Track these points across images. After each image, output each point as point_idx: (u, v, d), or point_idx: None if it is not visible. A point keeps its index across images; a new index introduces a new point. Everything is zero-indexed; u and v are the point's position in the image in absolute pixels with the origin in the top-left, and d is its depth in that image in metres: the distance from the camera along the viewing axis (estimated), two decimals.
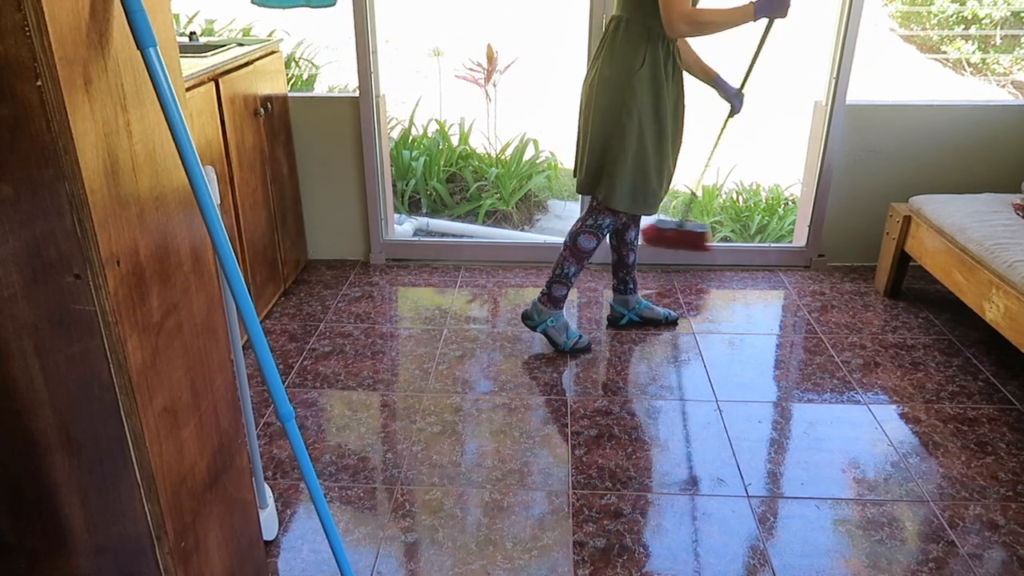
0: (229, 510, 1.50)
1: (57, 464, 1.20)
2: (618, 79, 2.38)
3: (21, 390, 1.14)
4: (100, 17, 1.05)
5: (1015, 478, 2.12)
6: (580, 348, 2.75)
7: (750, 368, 2.68)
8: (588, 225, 2.59)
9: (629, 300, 2.92)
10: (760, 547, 1.89)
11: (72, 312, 1.08)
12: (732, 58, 2.71)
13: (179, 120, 1.14)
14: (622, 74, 2.37)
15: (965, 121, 3.23)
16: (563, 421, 2.38)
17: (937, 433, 2.32)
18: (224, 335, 1.47)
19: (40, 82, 0.96)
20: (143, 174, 1.17)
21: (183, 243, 1.29)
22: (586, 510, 2.01)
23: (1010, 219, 2.70)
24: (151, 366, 1.19)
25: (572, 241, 2.63)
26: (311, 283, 3.32)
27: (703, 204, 4.35)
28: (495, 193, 4.49)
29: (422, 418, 2.39)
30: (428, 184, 4.46)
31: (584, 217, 2.62)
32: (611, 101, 2.40)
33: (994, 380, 2.59)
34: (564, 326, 2.74)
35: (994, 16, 6.22)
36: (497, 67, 5.00)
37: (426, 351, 2.77)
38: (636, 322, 2.93)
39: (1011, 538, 1.92)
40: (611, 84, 2.39)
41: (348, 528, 1.95)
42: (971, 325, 2.92)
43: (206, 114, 2.41)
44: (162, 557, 1.27)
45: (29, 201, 1.02)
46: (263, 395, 2.50)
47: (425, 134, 4.76)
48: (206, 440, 1.39)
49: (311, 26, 5.22)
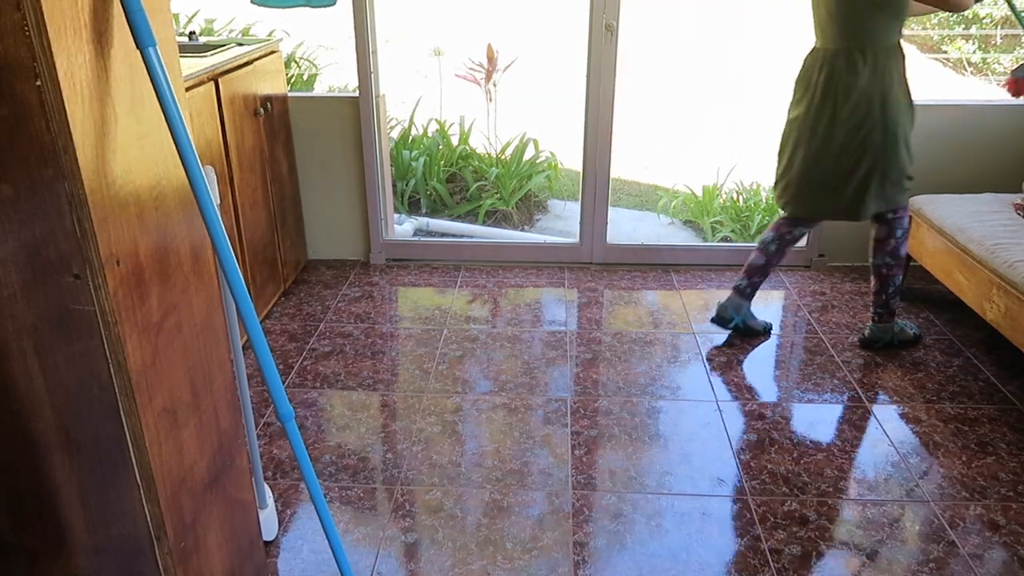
0: (229, 510, 1.50)
1: (57, 464, 1.20)
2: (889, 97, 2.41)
3: (21, 390, 1.14)
4: (100, 17, 1.05)
5: (1016, 478, 2.12)
6: (909, 339, 2.79)
7: (750, 368, 2.68)
8: (899, 236, 2.60)
9: (743, 306, 2.85)
10: (760, 547, 1.89)
11: (72, 312, 1.08)
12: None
13: (179, 120, 1.14)
14: (888, 92, 2.41)
15: (965, 121, 3.23)
16: (563, 421, 2.38)
17: (938, 433, 2.32)
18: (224, 335, 1.47)
19: (39, 82, 0.96)
20: (143, 174, 1.17)
21: (183, 243, 1.29)
22: (586, 510, 2.01)
23: (1010, 219, 2.70)
24: (151, 366, 1.19)
25: (895, 259, 2.64)
26: (311, 283, 3.32)
27: (703, 204, 4.36)
28: (495, 193, 4.49)
29: (422, 418, 2.39)
30: (428, 184, 4.46)
31: (893, 232, 2.61)
32: (889, 119, 2.42)
33: (995, 380, 2.58)
34: (903, 325, 2.80)
35: (994, 16, 6.21)
36: (497, 67, 5.00)
37: (426, 351, 2.77)
38: (740, 330, 2.88)
39: (1012, 538, 1.92)
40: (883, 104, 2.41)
41: (348, 528, 1.95)
42: (972, 325, 2.92)
43: (206, 114, 2.41)
44: (162, 557, 1.27)
45: (28, 201, 1.02)
46: (263, 395, 2.50)
47: (425, 134, 4.76)
48: (206, 440, 1.39)
49: (311, 26, 5.22)
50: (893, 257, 2.64)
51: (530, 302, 3.16)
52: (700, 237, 4.32)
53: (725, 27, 7.13)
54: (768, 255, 2.78)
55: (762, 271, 2.81)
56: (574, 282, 3.33)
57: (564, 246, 3.53)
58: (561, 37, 5.49)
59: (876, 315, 2.76)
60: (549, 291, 3.25)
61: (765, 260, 2.79)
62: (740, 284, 2.83)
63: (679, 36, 7.21)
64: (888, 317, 2.75)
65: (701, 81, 6.81)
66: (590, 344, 2.82)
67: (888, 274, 2.67)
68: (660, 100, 6.38)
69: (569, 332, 2.91)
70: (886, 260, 2.65)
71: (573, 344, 2.82)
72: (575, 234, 3.50)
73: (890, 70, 2.40)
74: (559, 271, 3.43)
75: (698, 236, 4.35)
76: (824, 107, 2.47)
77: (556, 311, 3.08)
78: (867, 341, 2.79)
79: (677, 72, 6.80)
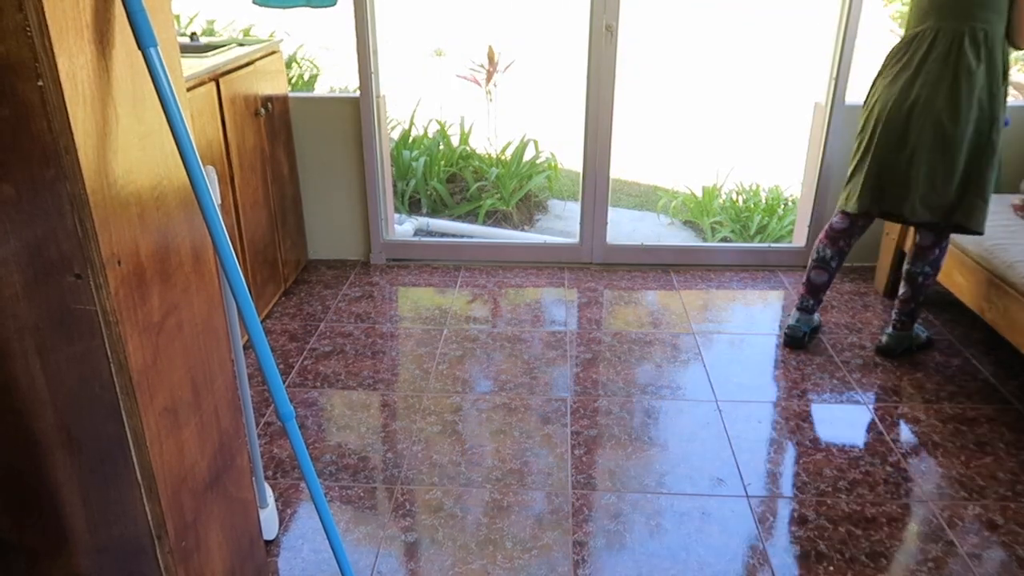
0: (229, 510, 1.51)
1: (58, 464, 1.20)
2: (996, 91, 2.30)
3: (22, 390, 1.14)
4: (101, 17, 1.05)
5: (1014, 478, 2.13)
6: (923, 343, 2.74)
7: (750, 368, 2.68)
8: (945, 246, 2.56)
9: (813, 318, 2.81)
10: (760, 547, 1.89)
11: (73, 312, 1.09)
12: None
13: (180, 120, 1.14)
14: (995, 84, 2.30)
15: None
16: (563, 421, 2.38)
17: (936, 433, 2.32)
18: (225, 335, 1.47)
19: (41, 82, 0.96)
20: (144, 174, 1.17)
21: (184, 243, 1.30)
22: (586, 510, 2.01)
23: (1010, 219, 2.70)
24: (152, 366, 1.19)
25: (935, 269, 2.59)
26: (311, 283, 3.32)
27: (703, 204, 4.36)
28: (495, 193, 4.49)
29: (422, 418, 2.39)
30: (428, 184, 4.47)
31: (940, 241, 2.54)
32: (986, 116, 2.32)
33: (993, 380, 2.59)
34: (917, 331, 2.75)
35: None
36: (497, 67, 5.01)
37: (426, 351, 2.77)
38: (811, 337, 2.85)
39: (1010, 538, 1.92)
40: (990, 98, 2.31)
41: (348, 528, 1.96)
42: (970, 325, 2.92)
43: (207, 114, 2.41)
44: (162, 556, 1.27)
45: (30, 201, 1.03)
46: (263, 395, 2.50)
47: (425, 134, 4.77)
48: (206, 440, 1.39)
49: (311, 26, 5.23)
50: (933, 267, 2.60)
51: (530, 302, 3.16)
52: (700, 237, 4.33)
53: (725, 27, 7.14)
54: (831, 271, 2.72)
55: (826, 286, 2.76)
56: (574, 282, 3.33)
57: (564, 246, 3.54)
58: (561, 38, 5.50)
59: (899, 322, 2.70)
60: (549, 291, 3.26)
61: (827, 276, 2.73)
62: (807, 304, 2.77)
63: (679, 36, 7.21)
64: (909, 324, 2.71)
65: (701, 81, 6.82)
66: (590, 344, 2.83)
67: (924, 283, 2.62)
68: (660, 100, 6.38)
69: (569, 332, 2.91)
70: (925, 269, 2.59)
71: (573, 344, 2.82)
72: (575, 234, 3.50)
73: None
74: (559, 271, 3.44)
75: (698, 236, 4.36)
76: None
77: (556, 311, 3.08)
78: (886, 348, 2.71)
79: (677, 72, 6.80)
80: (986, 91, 2.30)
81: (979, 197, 2.39)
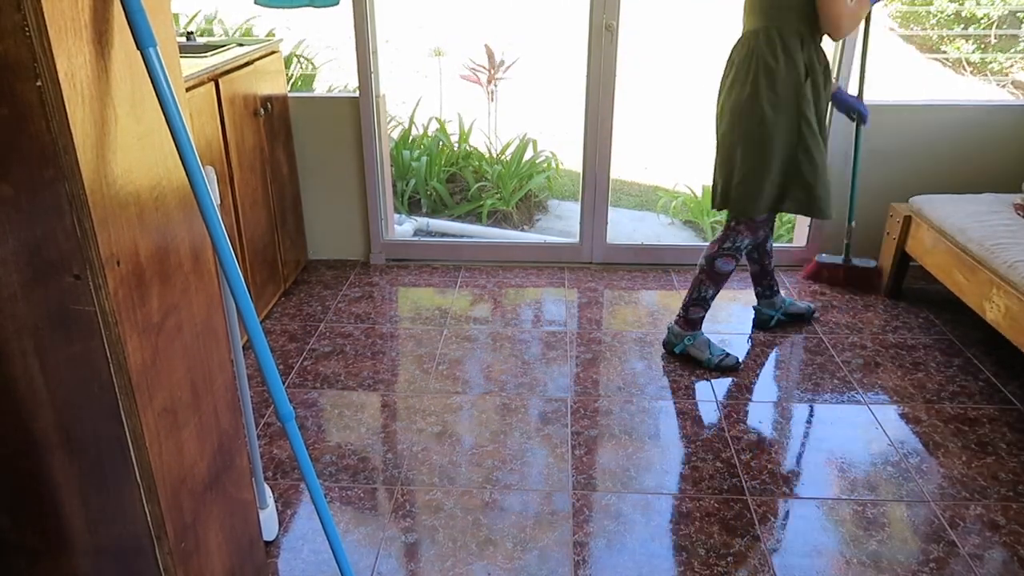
0: (229, 510, 1.50)
1: (57, 464, 1.20)
2: (785, 93, 2.30)
3: (21, 390, 1.14)
4: (100, 17, 1.05)
5: (1016, 478, 2.12)
6: (727, 366, 2.64)
7: (750, 368, 2.68)
8: (725, 248, 2.55)
9: (775, 301, 2.92)
10: (760, 547, 1.89)
11: (72, 312, 1.08)
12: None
13: (179, 120, 1.14)
14: (789, 87, 2.30)
15: (965, 121, 3.23)
16: (563, 421, 2.38)
17: (937, 433, 2.32)
18: (224, 335, 1.47)
19: (40, 82, 0.96)
20: (143, 174, 1.17)
21: (183, 243, 1.29)
22: (586, 510, 2.01)
23: (1010, 219, 2.70)
24: (151, 366, 1.19)
25: (709, 264, 2.58)
26: (311, 283, 3.32)
27: (703, 204, 4.36)
28: (495, 193, 4.49)
29: (422, 418, 2.39)
30: (428, 184, 4.46)
31: (721, 239, 2.56)
32: (782, 116, 2.32)
33: (994, 380, 2.58)
34: (705, 342, 2.68)
35: (992, 15, 6.21)
36: (497, 67, 5.01)
37: (426, 351, 2.77)
38: (783, 321, 2.94)
39: (1012, 538, 1.92)
40: (779, 100, 2.31)
41: (348, 528, 1.95)
42: (971, 325, 2.92)
43: (206, 114, 2.41)
44: (162, 557, 1.27)
45: (29, 201, 1.02)
46: (263, 395, 2.50)
47: (425, 134, 4.76)
48: (206, 440, 1.39)
49: (311, 26, 5.22)
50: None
51: (530, 302, 3.16)
52: (700, 237, 4.33)
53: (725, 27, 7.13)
54: (754, 260, 2.86)
55: (763, 274, 2.88)
56: (574, 282, 3.33)
57: (564, 246, 3.53)
58: (561, 37, 5.50)
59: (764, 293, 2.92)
60: (549, 291, 3.25)
61: (759, 267, 2.88)
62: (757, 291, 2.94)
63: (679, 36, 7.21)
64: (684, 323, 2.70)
65: (701, 81, 6.81)
66: (590, 344, 2.82)
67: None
68: (660, 100, 6.38)
69: (569, 332, 2.91)
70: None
71: (573, 344, 2.82)
72: (575, 234, 3.50)
73: None
74: (559, 271, 3.44)
75: (698, 236, 4.36)
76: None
77: (556, 311, 3.08)
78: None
79: (677, 72, 6.80)
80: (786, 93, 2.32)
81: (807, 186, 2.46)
